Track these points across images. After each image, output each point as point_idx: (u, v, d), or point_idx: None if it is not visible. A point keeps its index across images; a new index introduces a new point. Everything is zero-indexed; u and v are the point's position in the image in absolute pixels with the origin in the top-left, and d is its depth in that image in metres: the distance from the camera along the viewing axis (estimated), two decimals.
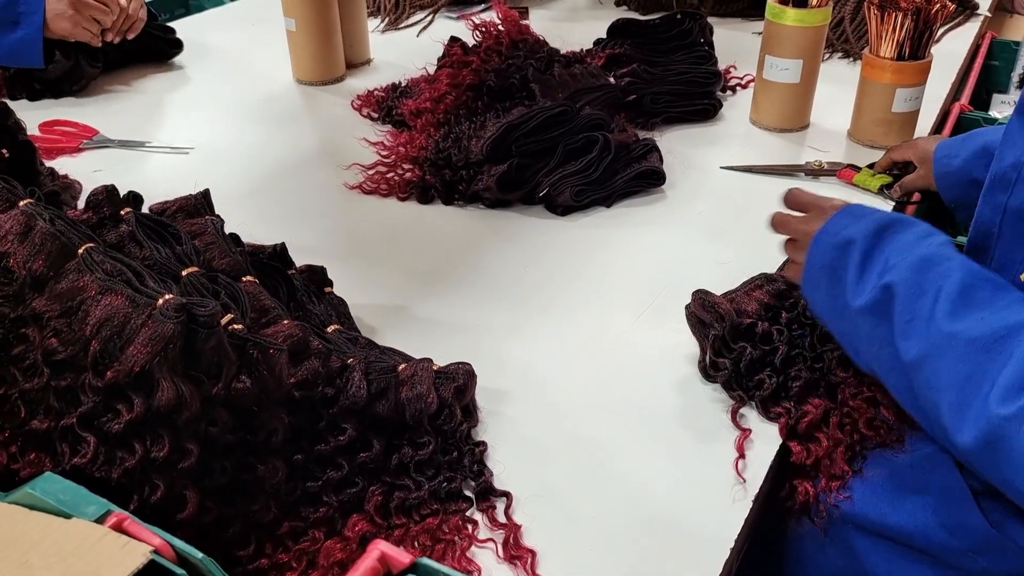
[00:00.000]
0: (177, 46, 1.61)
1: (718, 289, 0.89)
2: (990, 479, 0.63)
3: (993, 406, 0.59)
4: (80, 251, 0.63)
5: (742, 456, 0.74)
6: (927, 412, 0.65)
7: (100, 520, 0.49)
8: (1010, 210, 0.73)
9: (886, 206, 1.13)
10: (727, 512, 0.70)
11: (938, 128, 1.40)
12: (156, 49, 1.59)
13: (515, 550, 0.65)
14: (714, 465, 0.74)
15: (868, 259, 0.71)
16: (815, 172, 1.21)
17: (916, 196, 1.14)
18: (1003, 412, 0.58)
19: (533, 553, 0.65)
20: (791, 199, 0.83)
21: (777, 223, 0.81)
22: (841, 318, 0.73)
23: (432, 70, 1.38)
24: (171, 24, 1.70)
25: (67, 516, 0.49)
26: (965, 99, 1.53)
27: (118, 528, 0.48)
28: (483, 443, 0.75)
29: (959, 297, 0.65)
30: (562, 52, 1.31)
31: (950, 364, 0.62)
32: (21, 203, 0.66)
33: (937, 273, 0.67)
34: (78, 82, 1.46)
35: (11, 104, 1.05)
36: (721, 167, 1.24)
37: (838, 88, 1.41)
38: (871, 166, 1.18)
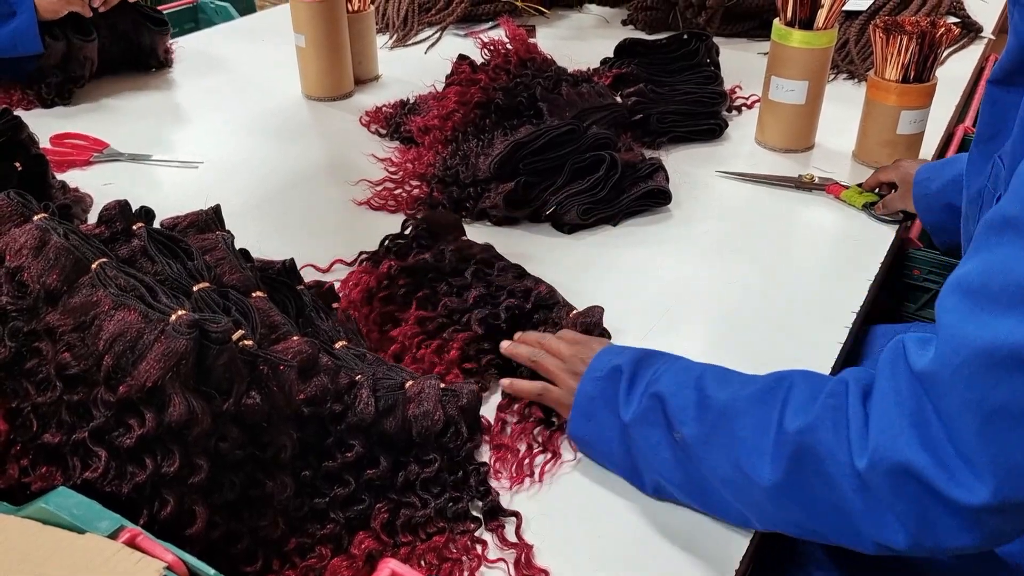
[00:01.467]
0: (163, 24, 1.63)
1: (723, 307, 0.89)
2: (807, 508, 0.61)
3: (786, 430, 0.61)
4: (94, 266, 0.64)
5: None
6: (728, 480, 0.65)
7: (113, 535, 0.49)
8: None
9: (870, 223, 1.14)
10: (734, 533, 0.70)
11: (943, 150, 1.41)
12: (143, 46, 1.61)
13: (527, 570, 0.66)
14: None
15: (635, 378, 0.72)
16: (806, 185, 1.23)
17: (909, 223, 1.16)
18: (793, 429, 0.60)
19: (546, 573, 0.66)
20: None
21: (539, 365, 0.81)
22: (617, 441, 0.72)
23: (440, 87, 1.39)
24: (180, 39, 1.72)
25: (80, 531, 0.49)
26: (969, 121, 1.53)
27: (131, 544, 0.48)
28: (487, 463, 0.75)
29: (718, 378, 0.68)
30: (569, 71, 1.32)
31: (736, 423, 0.64)
32: (36, 217, 0.67)
33: (693, 368, 0.71)
34: (82, 64, 1.48)
35: (26, 115, 1.05)
36: (717, 171, 1.26)
37: (843, 109, 1.42)
38: (860, 184, 1.20)
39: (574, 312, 0.90)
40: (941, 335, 0.53)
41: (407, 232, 1.01)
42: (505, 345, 0.84)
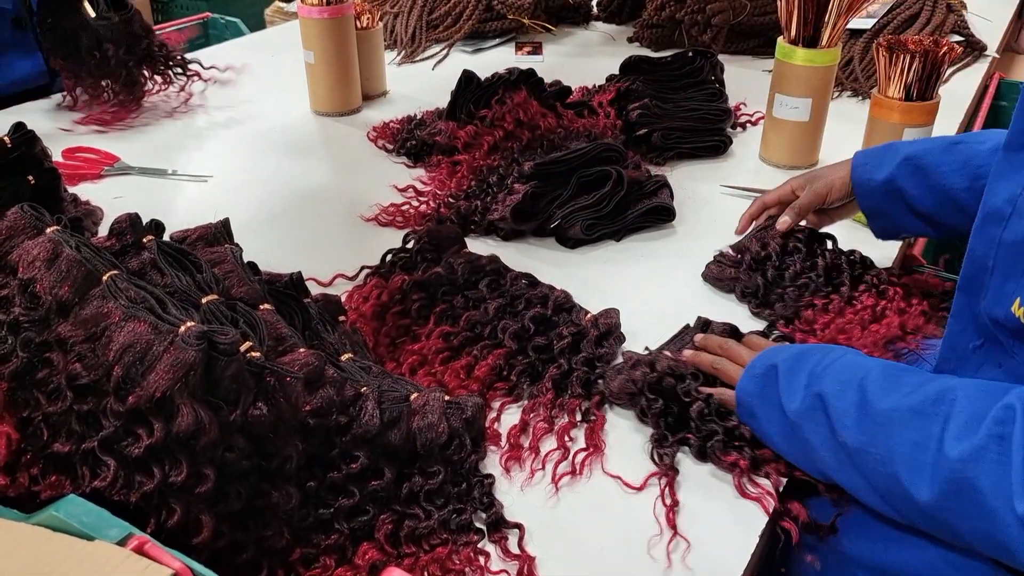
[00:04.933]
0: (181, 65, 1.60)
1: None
2: (961, 531, 0.63)
3: (946, 454, 0.61)
4: (105, 278, 0.65)
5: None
6: (884, 490, 0.67)
7: (122, 543, 0.50)
8: (1004, 243, 0.75)
9: (874, 239, 1.13)
10: (734, 549, 0.70)
11: None
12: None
13: None
14: (721, 501, 0.75)
15: (793, 373, 0.74)
16: None
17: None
18: (955, 455, 0.60)
19: None
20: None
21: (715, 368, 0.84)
22: (786, 437, 0.74)
23: (444, 104, 1.40)
24: (191, 54, 1.73)
25: (90, 538, 0.50)
26: None
27: (139, 551, 0.49)
28: (491, 475, 0.76)
29: (884, 381, 0.69)
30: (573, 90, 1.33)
31: (895, 436, 0.65)
32: (48, 230, 0.68)
33: (859, 368, 0.71)
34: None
35: (39, 129, 1.07)
36: (722, 185, 1.27)
37: (847, 126, 1.43)
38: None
39: (590, 315, 0.93)
40: None
41: (409, 246, 1.02)
42: (688, 355, 0.86)
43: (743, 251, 1.06)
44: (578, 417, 0.83)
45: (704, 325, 0.93)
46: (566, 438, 0.80)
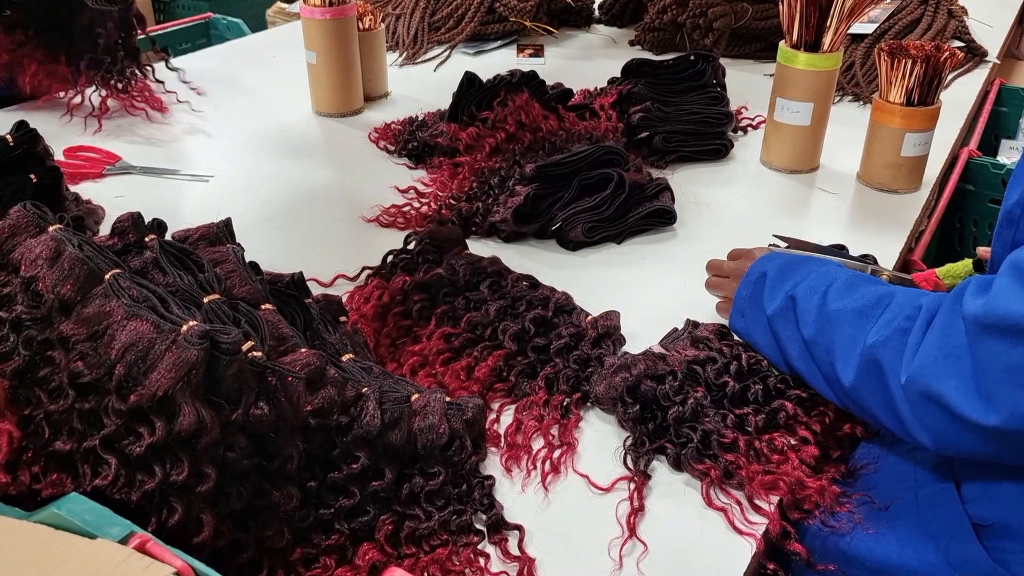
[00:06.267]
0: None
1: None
2: (872, 409, 0.73)
3: (866, 342, 0.72)
4: (107, 277, 0.65)
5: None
6: (826, 376, 0.78)
7: (123, 541, 0.50)
8: (1017, 245, 0.76)
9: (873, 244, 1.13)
10: (735, 547, 0.71)
11: (946, 173, 1.42)
12: None
13: None
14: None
15: (779, 280, 0.85)
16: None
17: None
18: (871, 340, 0.72)
19: None
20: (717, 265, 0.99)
21: (712, 284, 0.98)
22: (764, 333, 0.85)
23: (446, 105, 1.40)
24: (192, 55, 1.73)
25: (91, 537, 0.50)
26: (974, 144, 1.54)
27: (141, 550, 0.49)
28: (491, 477, 0.76)
29: (844, 287, 0.79)
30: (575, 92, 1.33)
31: (838, 330, 0.76)
32: (51, 228, 0.68)
33: (829, 277, 0.81)
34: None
35: (42, 128, 1.07)
36: (774, 235, 1.08)
37: (848, 130, 1.43)
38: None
39: (590, 317, 0.93)
40: (991, 294, 0.63)
41: (410, 247, 1.02)
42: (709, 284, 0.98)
43: None
44: (559, 415, 0.83)
45: (693, 327, 0.93)
46: (551, 435, 0.80)
